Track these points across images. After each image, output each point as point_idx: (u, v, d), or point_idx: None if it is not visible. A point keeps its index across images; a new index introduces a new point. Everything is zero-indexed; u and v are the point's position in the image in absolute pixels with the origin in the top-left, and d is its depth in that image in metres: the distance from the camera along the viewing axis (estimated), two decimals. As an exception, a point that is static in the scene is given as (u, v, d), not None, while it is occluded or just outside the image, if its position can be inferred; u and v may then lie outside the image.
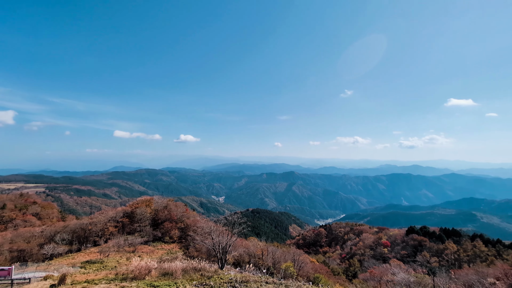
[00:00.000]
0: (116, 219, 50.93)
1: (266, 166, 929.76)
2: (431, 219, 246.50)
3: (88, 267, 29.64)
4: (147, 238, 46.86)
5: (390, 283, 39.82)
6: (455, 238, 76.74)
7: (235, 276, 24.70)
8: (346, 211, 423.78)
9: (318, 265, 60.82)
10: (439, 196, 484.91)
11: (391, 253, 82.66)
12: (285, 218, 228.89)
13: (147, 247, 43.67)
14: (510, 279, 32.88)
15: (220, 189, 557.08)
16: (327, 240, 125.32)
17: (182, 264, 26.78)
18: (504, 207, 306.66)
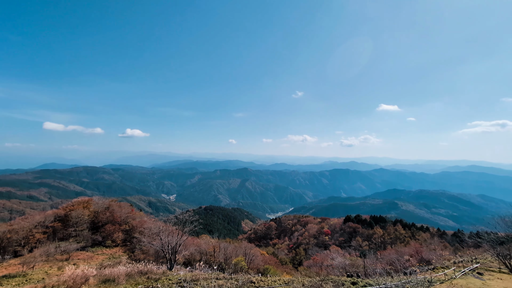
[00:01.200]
0: (46, 224, 44.08)
1: (220, 163, 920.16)
2: (363, 208, 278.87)
3: (5, 283, 24.91)
4: (85, 243, 41.85)
5: (330, 267, 43.78)
6: (381, 224, 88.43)
7: (185, 276, 24.00)
8: (294, 205, 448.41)
9: (268, 257, 63.16)
10: (370, 188, 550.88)
11: (331, 240, 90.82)
12: (238, 214, 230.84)
13: (84, 253, 39.05)
14: (420, 255, 39.54)
15: (171, 187, 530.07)
16: (276, 232, 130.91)
17: (126, 269, 24.83)
18: (417, 196, 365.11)
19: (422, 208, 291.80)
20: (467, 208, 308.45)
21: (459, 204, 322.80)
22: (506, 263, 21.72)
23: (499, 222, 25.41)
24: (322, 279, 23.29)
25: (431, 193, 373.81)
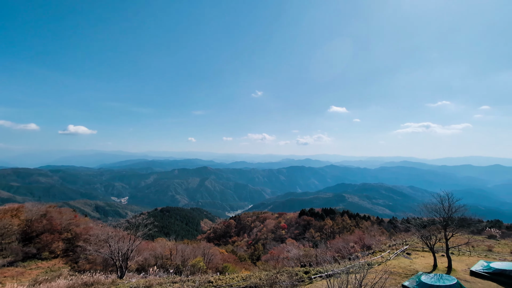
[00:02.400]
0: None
1: (178, 162, 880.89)
2: (316, 202, 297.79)
3: None
4: (14, 257, 35.93)
5: (286, 259, 45.72)
6: (331, 216, 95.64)
7: (137, 283, 22.46)
8: (254, 202, 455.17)
9: (227, 255, 62.94)
10: (323, 183, 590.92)
11: (287, 233, 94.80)
12: (196, 214, 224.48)
13: (13, 270, 33.52)
14: (362, 241, 43.92)
15: (122, 189, 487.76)
16: (236, 230, 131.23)
17: (67, 282, 22.17)
18: (361, 189, 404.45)
19: (365, 199, 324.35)
20: (400, 198, 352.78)
21: (394, 194, 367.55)
22: (427, 243, 25.56)
23: (423, 208, 29.49)
24: (277, 271, 24.21)
25: (372, 186, 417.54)
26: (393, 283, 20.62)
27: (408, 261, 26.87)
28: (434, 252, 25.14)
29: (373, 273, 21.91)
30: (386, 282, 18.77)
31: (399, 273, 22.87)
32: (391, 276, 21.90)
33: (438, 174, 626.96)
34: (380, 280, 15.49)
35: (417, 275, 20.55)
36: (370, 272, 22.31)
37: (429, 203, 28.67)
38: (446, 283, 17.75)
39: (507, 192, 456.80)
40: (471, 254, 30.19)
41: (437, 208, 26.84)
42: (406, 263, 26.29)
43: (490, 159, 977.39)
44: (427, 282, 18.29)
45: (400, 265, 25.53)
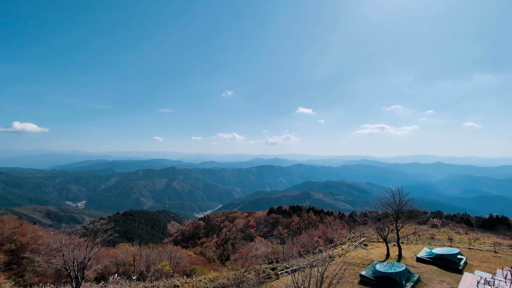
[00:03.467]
0: None
1: (143, 162, 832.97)
2: (284, 200, 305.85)
3: None
4: None
5: (254, 257, 46.13)
6: (298, 213, 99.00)
7: (95, 293, 20.75)
8: (223, 202, 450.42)
9: (195, 257, 61.39)
10: (290, 182, 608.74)
11: (256, 232, 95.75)
12: (163, 217, 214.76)
13: None
14: (326, 235, 46.24)
15: (79, 193, 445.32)
16: (205, 231, 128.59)
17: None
18: (325, 186, 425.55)
19: (329, 196, 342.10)
20: (359, 193, 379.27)
21: (353, 190, 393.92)
22: (381, 234, 27.88)
23: (378, 203, 32.06)
24: (245, 270, 24.34)
25: (334, 183, 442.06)
26: (352, 273, 22.08)
27: (365, 252, 29.02)
28: (387, 242, 27.52)
29: (334, 265, 23.22)
30: (345, 272, 20.00)
31: (357, 264, 24.57)
32: (350, 267, 23.43)
33: (391, 171, 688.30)
34: (340, 271, 16.47)
35: (373, 264, 22.29)
36: (331, 264, 23.61)
37: (383, 197, 31.27)
38: (397, 270, 19.57)
39: (446, 186, 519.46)
40: (418, 242, 33.71)
41: (389, 202, 29.44)
42: (363, 253, 28.35)
43: (433, 157, 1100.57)
44: (381, 270, 19.96)
45: (358, 256, 27.44)
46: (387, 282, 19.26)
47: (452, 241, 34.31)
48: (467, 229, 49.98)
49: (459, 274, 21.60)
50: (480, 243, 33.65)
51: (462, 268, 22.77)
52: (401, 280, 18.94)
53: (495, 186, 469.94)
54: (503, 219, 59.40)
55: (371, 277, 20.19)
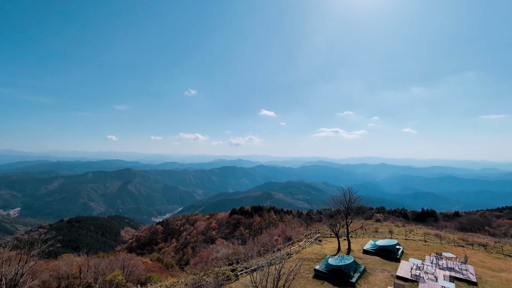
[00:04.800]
0: None
1: (94, 164, 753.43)
2: (247, 200, 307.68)
3: None
4: None
5: (215, 259, 45.36)
6: (259, 213, 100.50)
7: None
8: (184, 204, 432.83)
9: (151, 264, 57.84)
10: (253, 182, 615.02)
11: (218, 234, 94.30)
12: (116, 222, 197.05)
13: None
14: (285, 234, 47.81)
15: (12, 198, 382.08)
16: (163, 236, 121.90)
17: None
18: (286, 186, 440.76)
19: (289, 196, 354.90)
20: (315, 192, 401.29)
21: (311, 190, 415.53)
22: (333, 230, 29.96)
23: (331, 201, 34.37)
24: (204, 273, 23.79)
25: (294, 183, 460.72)
26: (307, 268, 23.24)
27: (319, 247, 30.82)
28: (338, 237, 29.67)
29: (291, 261, 24.14)
30: (300, 268, 20.94)
31: (312, 259, 25.96)
32: (305, 262, 24.64)
33: (344, 171, 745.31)
34: (296, 267, 17.21)
35: (325, 259, 23.79)
36: (289, 261, 24.51)
37: (335, 196, 33.68)
38: (346, 262, 21.21)
39: (388, 185, 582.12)
40: (364, 236, 37.06)
41: (341, 200, 31.84)
42: (317, 249, 30.08)
43: (378, 159, 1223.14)
44: (332, 263, 21.42)
45: (313, 251, 29.01)
46: (338, 274, 20.77)
47: (392, 233, 38.57)
48: (404, 222, 56.73)
49: (397, 262, 24.37)
50: (414, 234, 38.50)
51: (399, 257, 25.75)
52: (349, 271, 20.60)
53: (426, 184, 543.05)
54: (432, 212, 68.99)
55: (324, 271, 21.53)
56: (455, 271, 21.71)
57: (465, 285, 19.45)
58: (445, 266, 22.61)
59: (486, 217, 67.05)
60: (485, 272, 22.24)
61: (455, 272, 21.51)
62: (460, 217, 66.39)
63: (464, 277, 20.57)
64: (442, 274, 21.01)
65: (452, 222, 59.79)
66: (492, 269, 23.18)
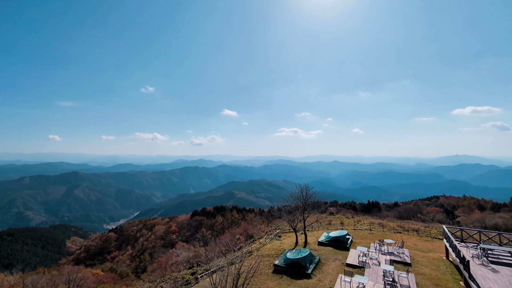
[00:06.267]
0: None
1: (32, 167, 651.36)
2: (209, 201, 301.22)
3: None
4: None
5: (174, 264, 43.31)
6: (222, 212, 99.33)
7: None
8: (141, 208, 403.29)
9: (103, 275, 52.55)
10: (215, 182, 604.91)
11: (178, 237, 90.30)
12: (60, 232, 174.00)
13: None
14: (246, 232, 48.09)
15: None
16: (117, 243, 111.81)
17: None
18: (248, 185, 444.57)
19: (251, 194, 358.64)
20: (276, 190, 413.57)
21: (272, 188, 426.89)
22: (291, 225, 31.19)
23: (290, 198, 35.72)
24: (162, 280, 22.49)
25: (256, 181, 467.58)
26: (267, 264, 23.71)
27: (279, 243, 31.76)
28: (296, 231, 30.98)
29: (252, 259, 24.37)
30: (260, 265, 21.28)
31: (272, 254, 26.59)
32: (265, 258, 25.12)
33: (302, 169, 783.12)
34: (255, 264, 17.39)
35: (284, 253, 24.59)
36: (249, 259, 24.69)
37: (294, 192, 35.13)
38: (303, 255, 22.23)
39: (340, 180, 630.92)
40: (319, 228, 39.42)
41: (298, 196, 33.33)
42: (277, 244, 30.95)
43: (332, 157, 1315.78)
44: (290, 257, 22.25)
45: (273, 247, 29.75)
46: (295, 267, 21.65)
47: (343, 225, 41.84)
48: (354, 213, 62.04)
49: (347, 251, 26.47)
50: (361, 224, 42.37)
51: (349, 246, 28.04)
52: (305, 263, 21.66)
53: (372, 178, 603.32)
54: (376, 204, 76.84)
55: (283, 265, 22.24)
56: (394, 255, 24.51)
57: (402, 266, 22.08)
58: (387, 251, 25.37)
59: (418, 206, 77.49)
60: (417, 254, 25.62)
61: (394, 256, 24.29)
62: (398, 207, 75.35)
63: (401, 260, 23.36)
64: (384, 258, 23.52)
65: (392, 212, 67.52)
66: (422, 250, 26.84)
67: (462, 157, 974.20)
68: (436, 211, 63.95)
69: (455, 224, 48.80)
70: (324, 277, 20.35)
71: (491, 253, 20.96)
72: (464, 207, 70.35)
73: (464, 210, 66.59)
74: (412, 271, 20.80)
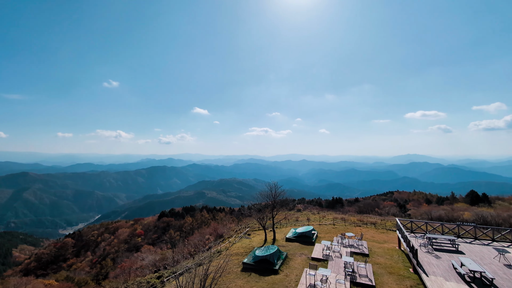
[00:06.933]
0: None
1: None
2: (178, 201, 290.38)
3: None
4: None
5: (139, 268, 40.85)
6: (191, 213, 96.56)
7: None
8: (103, 211, 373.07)
9: (57, 285, 47.66)
10: (185, 182, 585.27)
11: (144, 240, 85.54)
12: (6, 240, 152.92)
13: None
14: (216, 231, 47.37)
15: None
16: (75, 250, 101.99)
17: None
18: (219, 184, 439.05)
19: (222, 194, 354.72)
20: (247, 189, 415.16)
21: (242, 186, 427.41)
22: (260, 223, 31.46)
23: (259, 196, 36.02)
24: (125, 285, 21.01)
25: (227, 181, 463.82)
26: (236, 262, 23.57)
27: (248, 241, 31.83)
28: (265, 229, 31.34)
29: (221, 259, 24.02)
30: (229, 263, 21.07)
31: (241, 253, 26.53)
32: (235, 257, 24.96)
33: (272, 167, 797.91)
34: (223, 263, 17.13)
35: (253, 251, 24.67)
36: (218, 259, 24.31)
37: (263, 191, 35.50)
38: (271, 252, 22.55)
39: (308, 178, 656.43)
40: (287, 225, 40.45)
41: (268, 195, 33.78)
42: (247, 242, 30.98)
43: (300, 156, 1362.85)
44: (259, 254, 22.41)
45: (242, 245, 29.70)
46: (264, 264, 21.86)
47: (309, 220, 43.51)
48: (319, 209, 64.93)
49: (312, 245, 27.52)
50: (326, 219, 44.50)
51: (314, 240, 29.20)
52: (273, 260, 22.00)
53: (336, 176, 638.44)
54: (339, 200, 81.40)
55: (252, 263, 22.30)
56: (354, 247, 26.14)
57: (361, 257, 23.63)
58: (348, 244, 26.96)
59: (376, 201, 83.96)
60: (374, 245, 27.67)
61: (354, 248, 25.90)
62: (359, 202, 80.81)
63: (360, 251, 25.00)
64: (345, 251, 24.96)
65: (354, 207, 72.22)
66: (379, 242, 29.08)
67: (413, 156, 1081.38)
68: (391, 205, 69.93)
69: (407, 216, 53.90)
70: (291, 271, 20.89)
71: (435, 242, 23.54)
72: (414, 201, 78.11)
73: (414, 204, 73.94)
74: (369, 261, 22.40)
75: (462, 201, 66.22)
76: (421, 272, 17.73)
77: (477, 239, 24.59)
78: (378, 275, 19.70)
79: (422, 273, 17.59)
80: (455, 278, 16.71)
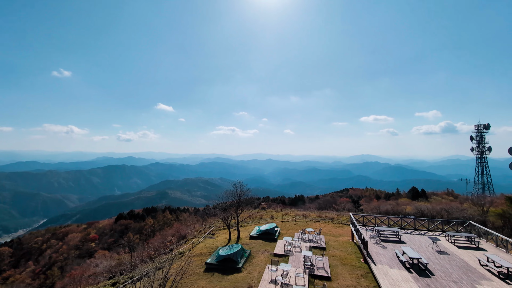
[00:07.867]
0: None
1: None
2: (138, 202, 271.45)
3: None
4: None
5: (92, 276, 37.16)
6: (153, 214, 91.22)
7: None
8: (49, 215, 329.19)
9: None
10: (146, 182, 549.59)
11: (99, 245, 78.15)
12: None
13: None
14: (179, 232, 45.51)
15: None
16: (13, 259, 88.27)
17: None
18: (183, 184, 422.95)
19: (186, 193, 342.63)
20: (213, 188, 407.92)
21: (208, 186, 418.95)
22: (225, 222, 31.16)
23: (225, 195, 35.66)
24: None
25: (192, 180, 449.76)
26: (199, 263, 22.93)
27: (212, 241, 31.26)
28: (229, 228, 31.12)
29: (183, 260, 23.10)
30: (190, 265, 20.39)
31: (205, 253, 25.90)
32: (197, 258, 24.25)
33: (238, 166, 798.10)
34: (185, 265, 16.50)
35: (217, 250, 24.27)
36: (180, 260, 23.35)
37: (229, 190, 35.22)
38: (234, 250, 22.44)
39: (273, 177, 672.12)
40: (252, 223, 40.79)
41: (233, 193, 33.61)
42: (210, 242, 30.38)
43: (266, 155, 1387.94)
44: (222, 254, 22.13)
45: (206, 245, 29.04)
46: (227, 263, 21.67)
47: (273, 218, 44.55)
48: (283, 207, 66.90)
49: (275, 242, 28.19)
50: (288, 216, 46.04)
51: (277, 237, 29.94)
52: (237, 258, 21.94)
53: (299, 175, 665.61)
54: (301, 197, 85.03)
55: (215, 262, 21.92)
56: (313, 241, 27.51)
57: (319, 251, 24.96)
58: (307, 239, 28.26)
59: (333, 197, 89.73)
60: (331, 239, 29.49)
61: (313, 242, 27.26)
62: (319, 199, 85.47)
63: (318, 245, 26.41)
64: (305, 245, 26.11)
65: (314, 204, 76.12)
66: (335, 235, 31.08)
67: (366, 156, 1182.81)
68: (346, 201, 75.44)
69: (359, 211, 58.69)
70: (254, 269, 21.07)
71: (382, 233, 26.07)
72: (366, 197, 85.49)
73: (366, 199, 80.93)
74: (326, 254, 23.79)
75: (405, 196, 74.58)
76: (370, 261, 19.46)
77: (416, 230, 28.00)
78: (333, 267, 21.03)
79: (371, 262, 19.32)
80: (397, 265, 18.73)
